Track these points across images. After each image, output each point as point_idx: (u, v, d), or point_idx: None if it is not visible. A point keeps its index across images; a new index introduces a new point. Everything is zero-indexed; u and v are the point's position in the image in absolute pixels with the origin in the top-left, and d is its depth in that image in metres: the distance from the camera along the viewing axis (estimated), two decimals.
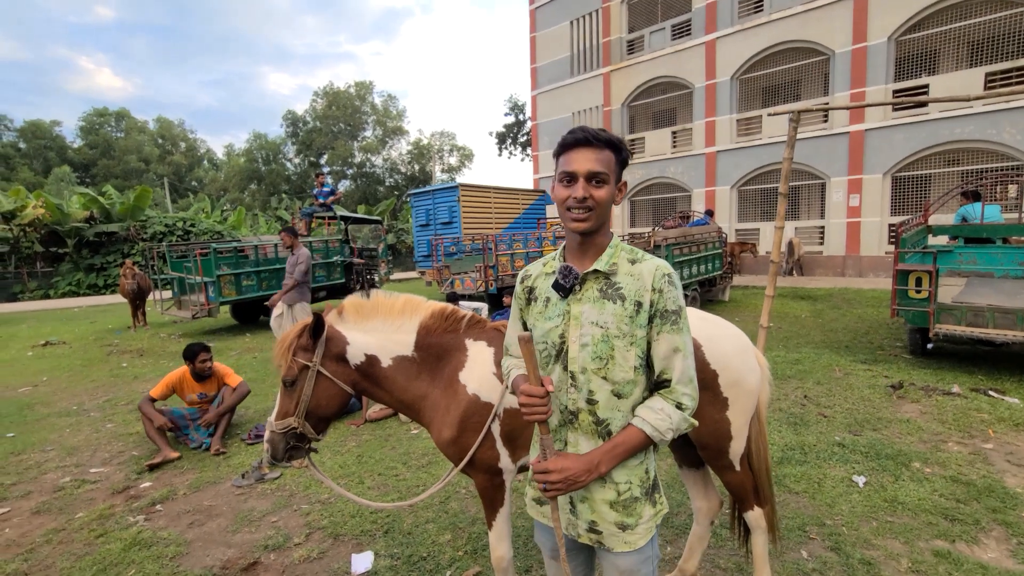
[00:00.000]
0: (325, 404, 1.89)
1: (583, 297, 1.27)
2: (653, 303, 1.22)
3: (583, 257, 1.29)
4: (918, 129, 13.36)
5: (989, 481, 3.21)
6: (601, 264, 1.26)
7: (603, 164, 1.21)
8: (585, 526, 1.31)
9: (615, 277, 1.26)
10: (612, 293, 1.24)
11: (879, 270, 14.20)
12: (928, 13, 13.02)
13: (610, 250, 1.28)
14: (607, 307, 1.24)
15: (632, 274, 1.25)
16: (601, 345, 1.23)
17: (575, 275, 1.25)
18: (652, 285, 1.22)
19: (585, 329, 1.25)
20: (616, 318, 1.23)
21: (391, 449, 4.18)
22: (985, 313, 5.16)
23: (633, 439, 1.22)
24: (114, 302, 17.57)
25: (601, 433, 1.26)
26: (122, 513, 3.34)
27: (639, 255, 1.28)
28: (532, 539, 2.82)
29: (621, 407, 1.25)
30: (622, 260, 1.27)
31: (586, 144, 1.22)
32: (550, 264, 1.38)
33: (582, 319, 1.25)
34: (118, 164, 43.75)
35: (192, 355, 4.46)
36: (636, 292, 1.23)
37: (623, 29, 19.80)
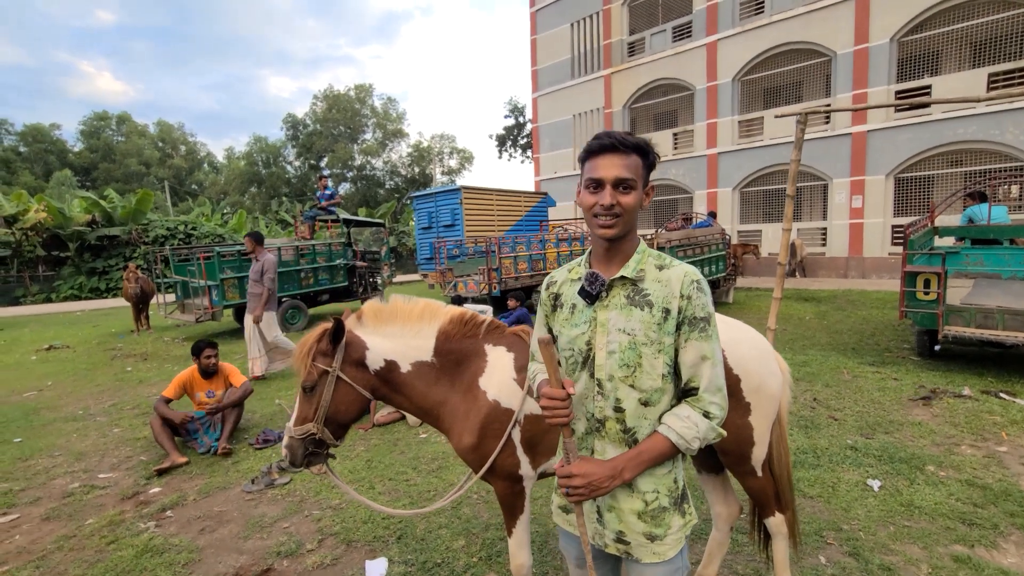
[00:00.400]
0: (344, 410, 1.88)
1: (610, 304, 1.25)
2: (681, 310, 1.20)
3: (610, 263, 1.28)
4: (921, 130, 13.36)
5: (1005, 485, 3.18)
6: (628, 271, 1.24)
7: (630, 170, 1.20)
8: (612, 536, 1.29)
9: (642, 283, 1.24)
10: (639, 300, 1.23)
11: (882, 271, 14.19)
12: (930, 14, 13.03)
13: (637, 256, 1.26)
14: (634, 314, 1.22)
15: (660, 280, 1.23)
16: (628, 352, 1.21)
17: (602, 282, 1.24)
18: (680, 291, 1.21)
19: (612, 336, 1.23)
20: (644, 325, 1.21)
21: (400, 454, 4.16)
22: (995, 315, 5.14)
23: (658, 447, 1.20)
24: (116, 306, 17.56)
25: (628, 442, 1.24)
26: (132, 519, 3.32)
27: (667, 261, 1.26)
28: (548, 546, 2.81)
29: (649, 415, 1.24)
30: (649, 266, 1.26)
31: (612, 150, 1.20)
32: (576, 270, 1.36)
33: (609, 326, 1.24)
34: (119, 168, 43.80)
35: (197, 351, 4.51)
36: (664, 299, 1.21)
37: (624, 31, 19.83)
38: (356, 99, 46.26)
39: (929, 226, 6.62)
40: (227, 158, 52.44)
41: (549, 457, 1.97)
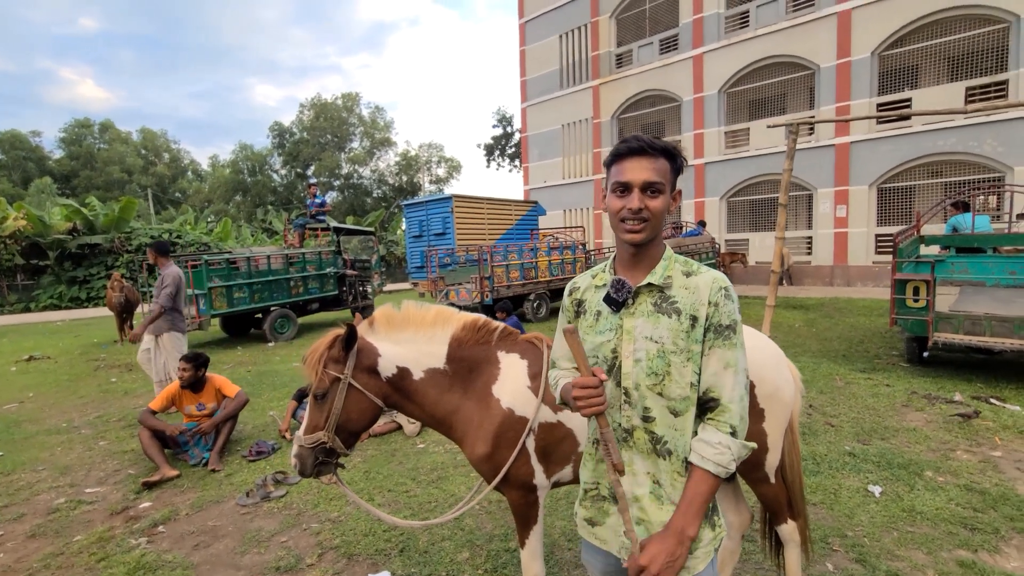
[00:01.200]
0: (356, 418, 1.84)
1: (636, 311, 1.22)
2: (708, 316, 1.18)
3: (635, 269, 1.25)
4: (902, 142, 13.70)
5: (1003, 489, 3.23)
6: (655, 277, 1.22)
7: (658, 173, 1.18)
8: None
9: (669, 290, 1.21)
10: (667, 307, 1.20)
11: (867, 279, 14.45)
12: (909, 29, 13.42)
13: (664, 262, 1.24)
14: (662, 321, 1.19)
15: (687, 287, 1.20)
16: (656, 361, 1.19)
17: (628, 289, 1.21)
18: (709, 298, 1.18)
19: (639, 344, 1.20)
20: (672, 333, 1.18)
21: (398, 464, 4.09)
22: (983, 322, 5.25)
23: (703, 484, 1.15)
24: (98, 315, 17.18)
25: (660, 452, 1.20)
26: (123, 535, 3.21)
27: (694, 267, 1.24)
28: (554, 556, 2.77)
29: (678, 425, 1.20)
30: (676, 272, 1.23)
31: (641, 153, 1.18)
32: (600, 276, 1.33)
33: (635, 334, 1.21)
34: (100, 175, 43.05)
35: (186, 359, 4.37)
36: (692, 306, 1.18)
37: (612, 43, 20.12)
38: (343, 107, 46.20)
39: (916, 235, 6.76)
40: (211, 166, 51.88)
41: (564, 466, 1.94)
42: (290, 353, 8.95)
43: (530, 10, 22.59)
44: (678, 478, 1.20)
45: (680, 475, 1.20)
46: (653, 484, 1.21)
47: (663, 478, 1.21)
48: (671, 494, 1.21)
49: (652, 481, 1.22)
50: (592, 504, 1.33)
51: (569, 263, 12.17)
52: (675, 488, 1.21)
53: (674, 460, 1.20)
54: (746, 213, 17.51)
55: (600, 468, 1.30)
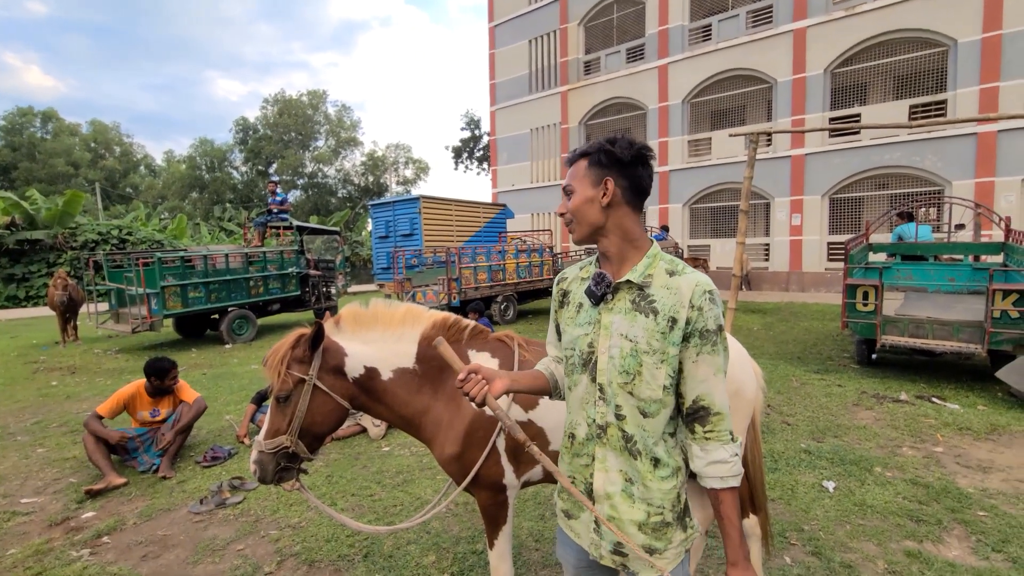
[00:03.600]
0: (321, 421, 1.77)
1: (614, 307, 1.21)
2: (691, 320, 1.14)
3: (613, 265, 1.25)
4: (852, 155, 14.41)
5: (944, 483, 3.41)
6: (635, 275, 1.20)
7: (571, 177, 1.25)
8: (610, 547, 1.24)
9: (649, 289, 1.19)
10: (644, 306, 1.18)
11: (819, 285, 15.10)
12: (859, 49, 14.15)
13: (646, 260, 1.21)
14: (638, 320, 1.17)
15: (669, 287, 1.17)
16: (629, 359, 1.17)
17: (607, 283, 1.21)
18: (691, 301, 1.14)
19: (614, 340, 1.20)
20: (647, 333, 1.16)
21: (362, 468, 3.99)
22: (925, 325, 5.56)
23: (733, 501, 1.15)
24: (38, 315, 16.16)
25: (631, 451, 1.20)
26: (63, 547, 3.01)
27: (679, 267, 1.20)
28: (522, 557, 2.75)
29: (647, 426, 1.19)
30: (659, 271, 1.20)
31: (567, 166, 1.29)
32: (587, 269, 1.34)
33: (612, 329, 1.20)
34: (43, 167, 40.51)
35: (161, 372, 4.13)
36: (671, 307, 1.15)
37: (580, 50, 20.39)
38: (309, 105, 45.12)
39: (865, 243, 7.11)
40: (167, 161, 49.68)
41: (534, 466, 1.93)
42: (248, 355, 8.63)
43: (500, 14, 22.67)
44: (650, 478, 1.20)
45: (651, 476, 1.19)
46: (625, 482, 1.21)
47: (635, 477, 1.20)
48: (643, 494, 1.20)
49: (624, 479, 1.21)
50: (569, 496, 1.34)
51: (536, 266, 12.23)
52: (647, 488, 1.20)
53: (644, 460, 1.20)
54: (708, 220, 18.02)
55: (576, 463, 1.29)
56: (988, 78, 12.34)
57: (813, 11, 14.70)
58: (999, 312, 5.05)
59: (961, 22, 12.62)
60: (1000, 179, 12.43)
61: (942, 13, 12.83)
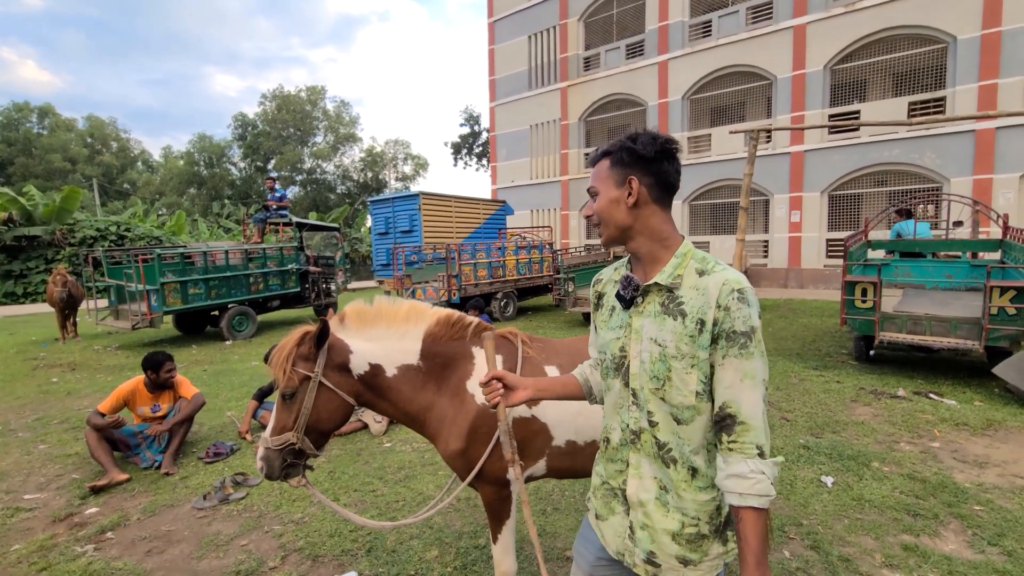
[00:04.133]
0: (327, 417, 1.79)
1: (644, 310, 1.18)
2: (717, 321, 1.08)
3: (643, 267, 1.21)
4: (851, 151, 14.42)
5: (941, 477, 3.45)
6: (663, 276, 1.15)
7: (593, 178, 1.24)
8: (643, 556, 1.19)
9: (678, 291, 1.14)
10: (673, 308, 1.13)
11: (818, 282, 15.14)
12: (858, 46, 14.14)
13: (675, 260, 1.16)
14: (667, 323, 1.13)
15: (698, 288, 1.12)
16: (658, 364, 1.13)
17: (635, 286, 1.18)
18: (718, 301, 1.08)
19: (644, 345, 1.16)
20: (675, 336, 1.11)
21: (364, 464, 4.02)
22: (923, 321, 5.59)
23: (756, 523, 1.04)
24: (37, 312, 16.15)
25: (664, 459, 1.16)
26: (67, 543, 3.03)
27: (710, 265, 1.14)
28: (524, 552, 2.78)
29: (682, 433, 1.14)
30: (689, 272, 1.15)
31: (590, 167, 1.27)
32: (620, 271, 1.30)
33: (642, 334, 1.17)
34: (39, 163, 40.39)
35: (156, 365, 4.15)
36: (699, 309, 1.10)
37: (580, 46, 20.35)
38: (307, 101, 44.94)
39: (864, 240, 7.14)
40: (164, 157, 49.51)
41: (537, 460, 1.95)
42: (249, 352, 8.65)
43: (499, 9, 22.58)
44: (684, 488, 1.15)
45: (686, 486, 1.15)
46: (659, 490, 1.18)
47: (669, 485, 1.17)
48: (678, 503, 1.16)
49: (659, 487, 1.18)
50: (602, 497, 1.31)
51: (536, 263, 12.24)
52: (682, 498, 1.15)
53: (679, 468, 1.15)
54: (707, 217, 18.04)
55: (610, 468, 1.28)
56: (987, 75, 12.35)
57: (813, 7, 14.67)
58: (996, 309, 5.08)
59: (960, 19, 12.62)
60: (998, 176, 12.46)
61: (941, 10, 12.82)
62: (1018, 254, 5.91)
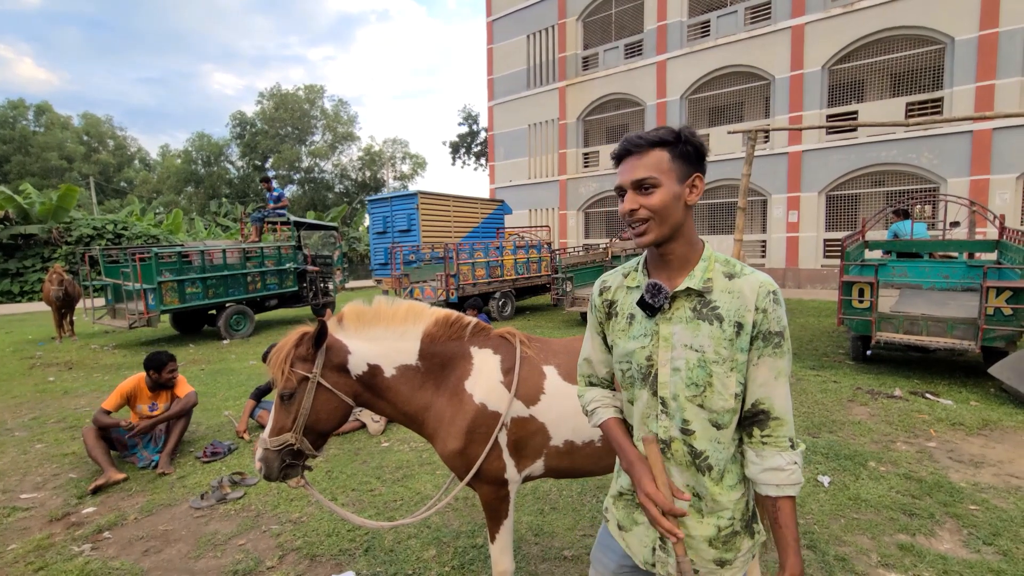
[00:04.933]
0: (325, 418, 1.80)
1: (673, 317, 1.14)
2: (756, 323, 1.09)
3: (669, 270, 1.17)
4: (849, 152, 14.46)
5: (937, 477, 3.46)
6: (694, 281, 1.13)
7: (649, 168, 1.11)
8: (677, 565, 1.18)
9: (710, 295, 1.12)
10: (708, 313, 1.11)
11: (816, 282, 15.18)
12: (856, 46, 14.17)
13: (703, 263, 1.14)
14: (702, 329, 1.11)
15: (731, 291, 1.11)
16: (697, 371, 1.11)
17: (665, 294, 1.12)
18: (756, 304, 1.09)
19: (677, 352, 1.12)
20: (714, 341, 1.10)
21: (362, 463, 4.02)
22: (919, 322, 5.61)
23: (791, 510, 1.10)
24: (33, 311, 16.09)
25: (699, 467, 1.14)
26: (64, 542, 3.03)
27: (737, 268, 1.14)
28: (521, 551, 2.78)
29: (721, 438, 1.14)
30: (717, 275, 1.14)
31: (628, 154, 1.14)
32: (633, 276, 1.23)
33: (673, 341, 1.13)
34: (36, 161, 40.24)
35: (159, 365, 4.15)
36: (736, 312, 1.10)
37: (578, 46, 20.34)
38: (305, 99, 44.84)
39: (861, 240, 7.15)
40: (162, 155, 49.35)
41: (535, 460, 1.95)
42: (246, 351, 8.63)
43: (498, 9, 22.57)
44: (719, 492, 1.15)
45: (720, 488, 1.15)
46: (694, 498, 1.17)
47: (703, 492, 1.15)
48: (713, 508, 1.16)
49: (692, 494, 1.17)
50: (624, 507, 1.29)
51: (535, 262, 12.25)
52: (716, 502, 1.15)
53: (715, 474, 1.15)
54: (705, 217, 18.06)
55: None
56: (984, 76, 12.39)
57: (811, 8, 14.70)
58: (992, 309, 5.10)
59: (958, 19, 12.65)
60: (995, 177, 12.50)
61: (939, 10, 12.85)
62: (1014, 255, 5.93)
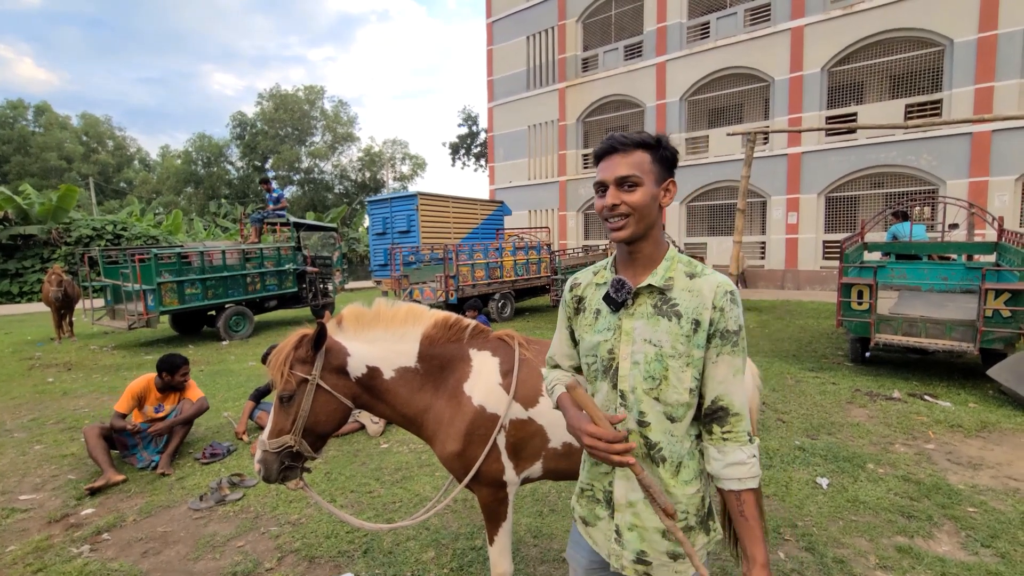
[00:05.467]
0: (324, 420, 1.80)
1: (636, 312, 1.19)
2: (713, 322, 1.14)
3: (635, 268, 1.22)
4: (848, 153, 14.48)
5: (935, 479, 3.47)
6: (656, 279, 1.18)
7: (632, 167, 1.15)
8: (632, 557, 1.21)
9: (671, 292, 1.18)
10: (667, 310, 1.16)
11: (815, 283, 15.19)
12: (855, 48, 14.20)
13: (666, 263, 1.20)
14: (661, 324, 1.16)
15: (690, 290, 1.17)
16: (654, 364, 1.16)
17: (628, 289, 1.18)
18: (713, 303, 1.14)
19: (637, 346, 1.18)
20: (672, 336, 1.15)
21: (361, 465, 4.02)
22: (918, 323, 5.62)
23: (755, 501, 1.14)
24: (32, 311, 16.08)
25: (654, 458, 1.18)
26: (62, 544, 3.03)
27: (698, 269, 1.21)
28: (520, 553, 2.79)
29: (675, 431, 1.18)
30: (679, 274, 1.19)
31: (612, 151, 1.18)
32: (601, 274, 1.30)
33: (634, 335, 1.18)
34: (35, 161, 40.23)
35: (173, 368, 4.16)
36: (694, 309, 1.15)
37: (578, 47, 20.37)
38: (305, 100, 44.86)
39: (860, 242, 7.16)
40: (162, 156, 49.34)
41: (534, 462, 1.96)
42: (245, 352, 8.63)
43: (498, 10, 22.60)
44: (673, 484, 1.18)
45: (676, 482, 1.18)
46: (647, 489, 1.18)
47: (658, 483, 1.19)
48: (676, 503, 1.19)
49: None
50: (586, 504, 1.32)
51: (534, 263, 12.25)
52: (671, 495, 1.19)
53: (668, 466, 1.18)
54: (704, 218, 18.08)
55: (595, 470, 1.29)
56: (983, 78, 12.41)
57: (811, 10, 14.72)
58: (991, 311, 5.11)
59: (957, 22, 12.68)
60: (994, 179, 12.52)
61: (939, 13, 12.88)
62: (1013, 256, 5.94)
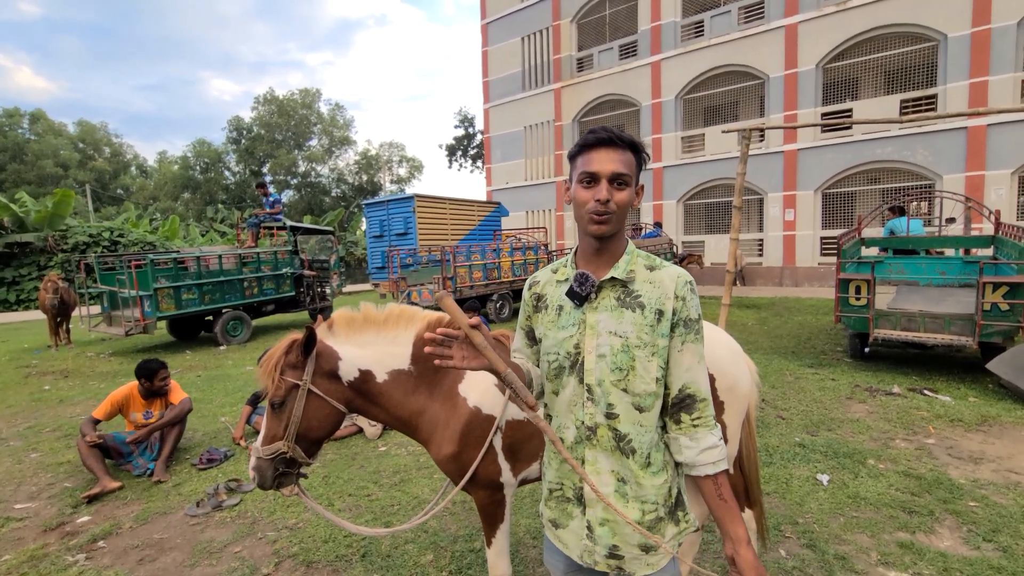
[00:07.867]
0: (317, 425, 1.77)
1: (599, 305, 1.21)
2: (676, 311, 1.18)
3: (598, 263, 1.23)
4: (844, 150, 14.49)
5: (936, 474, 3.45)
6: (618, 271, 1.20)
7: (626, 165, 1.16)
8: (605, 552, 1.22)
9: (633, 285, 1.20)
10: (630, 301, 1.19)
11: (813, 280, 15.19)
12: (850, 44, 14.21)
13: (627, 256, 1.23)
14: (626, 316, 1.18)
15: (652, 281, 1.20)
16: (621, 355, 1.17)
17: (592, 283, 1.19)
18: (675, 292, 1.18)
19: (603, 339, 1.19)
20: (636, 327, 1.17)
21: (359, 468, 3.99)
22: (917, 318, 5.61)
23: (726, 483, 1.18)
24: (29, 319, 16.02)
25: (623, 450, 1.19)
26: (58, 552, 3.00)
27: (657, 262, 1.24)
28: (519, 555, 2.77)
29: (644, 422, 1.19)
30: (639, 267, 1.22)
31: (609, 144, 1.16)
32: (561, 271, 1.30)
33: (599, 328, 1.19)
34: (31, 169, 40.10)
35: (150, 373, 4.11)
36: (657, 300, 1.18)
37: (573, 47, 20.37)
38: (302, 104, 44.82)
39: (857, 237, 7.15)
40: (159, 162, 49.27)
41: (531, 463, 1.94)
42: (243, 356, 8.60)
43: (492, 11, 22.60)
44: (642, 475, 1.19)
45: (644, 473, 1.19)
46: (618, 482, 1.20)
47: (628, 476, 1.20)
48: (637, 492, 1.20)
49: (617, 479, 1.20)
50: (556, 505, 1.32)
51: (532, 264, 12.23)
52: (641, 486, 1.19)
53: (638, 457, 1.19)
54: (702, 216, 18.08)
55: (564, 468, 1.28)
56: (977, 72, 12.42)
57: (804, 7, 14.74)
58: (989, 305, 5.10)
59: (951, 17, 12.69)
60: (990, 172, 12.53)
61: (932, 8, 12.89)
62: (1010, 250, 5.94)
